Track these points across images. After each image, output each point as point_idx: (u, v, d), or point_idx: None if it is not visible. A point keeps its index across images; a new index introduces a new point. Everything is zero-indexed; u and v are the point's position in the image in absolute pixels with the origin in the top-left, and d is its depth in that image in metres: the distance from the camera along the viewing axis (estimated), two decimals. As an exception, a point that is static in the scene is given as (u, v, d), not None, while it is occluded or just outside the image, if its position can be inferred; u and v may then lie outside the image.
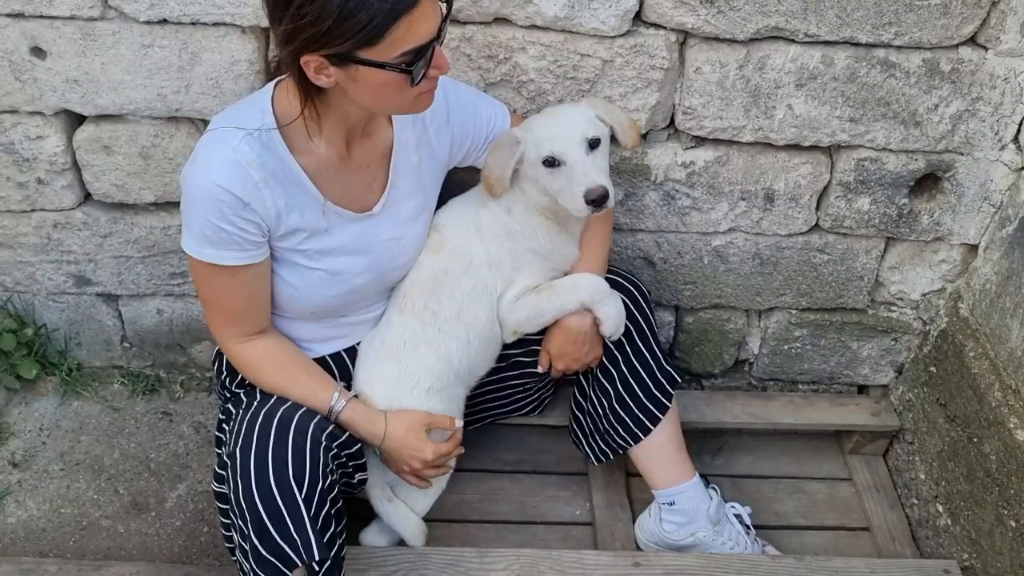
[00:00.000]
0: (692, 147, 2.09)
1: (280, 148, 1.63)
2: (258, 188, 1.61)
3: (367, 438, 1.84)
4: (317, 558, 1.62)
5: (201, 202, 1.60)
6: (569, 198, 1.77)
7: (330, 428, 1.74)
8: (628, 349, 2.02)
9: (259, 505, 1.61)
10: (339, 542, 1.72)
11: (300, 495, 1.62)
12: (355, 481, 1.87)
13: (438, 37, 1.50)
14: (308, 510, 1.63)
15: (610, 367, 2.04)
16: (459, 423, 1.92)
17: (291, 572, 1.63)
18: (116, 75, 1.95)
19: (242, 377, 1.89)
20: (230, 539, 1.78)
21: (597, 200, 1.73)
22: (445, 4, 1.51)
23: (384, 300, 1.95)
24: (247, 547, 1.64)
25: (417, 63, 1.48)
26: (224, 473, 1.70)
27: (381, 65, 1.46)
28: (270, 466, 1.62)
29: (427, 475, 1.91)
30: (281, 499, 1.61)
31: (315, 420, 1.71)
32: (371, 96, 1.55)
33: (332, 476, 1.71)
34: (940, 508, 2.19)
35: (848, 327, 2.39)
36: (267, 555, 1.62)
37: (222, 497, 1.74)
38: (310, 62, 1.47)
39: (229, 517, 1.72)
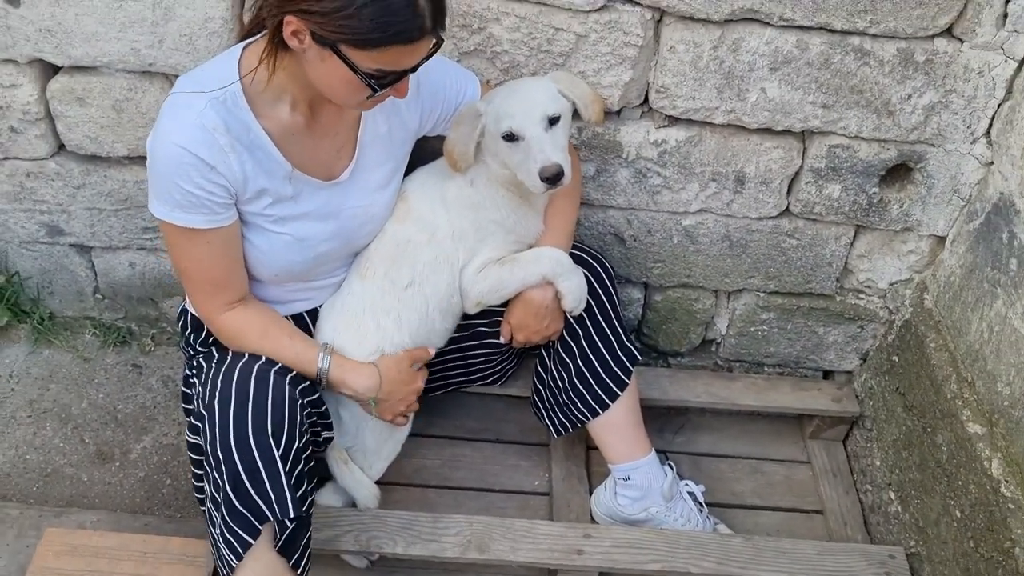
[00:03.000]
0: (665, 126, 2.09)
1: (245, 114, 1.63)
2: (224, 152, 1.61)
3: (362, 392, 1.85)
4: (292, 515, 1.64)
5: (167, 166, 1.60)
6: (526, 174, 1.78)
7: (303, 384, 1.75)
8: (589, 325, 2.04)
9: (236, 458, 1.63)
10: (309, 499, 1.74)
11: (278, 451, 1.64)
12: (321, 440, 1.89)
13: (415, 69, 1.56)
14: (284, 466, 1.65)
15: (571, 342, 2.06)
16: (432, 351, 1.97)
17: (261, 526, 1.65)
18: (90, 26, 1.94)
19: (207, 335, 1.90)
20: (200, 489, 1.79)
21: (551, 178, 1.74)
22: (435, 44, 1.56)
23: (349, 265, 1.95)
24: (220, 498, 1.66)
25: (385, 83, 1.54)
26: (200, 424, 1.71)
27: (353, 68, 1.50)
28: (250, 421, 1.64)
29: (415, 407, 1.96)
30: (259, 454, 1.63)
31: (289, 376, 1.73)
32: (325, 81, 1.57)
33: (307, 436, 1.73)
34: (892, 495, 2.21)
35: (815, 312, 2.40)
36: (240, 508, 1.64)
37: (195, 448, 1.75)
38: (292, 23, 1.48)
39: (202, 468, 1.73)
